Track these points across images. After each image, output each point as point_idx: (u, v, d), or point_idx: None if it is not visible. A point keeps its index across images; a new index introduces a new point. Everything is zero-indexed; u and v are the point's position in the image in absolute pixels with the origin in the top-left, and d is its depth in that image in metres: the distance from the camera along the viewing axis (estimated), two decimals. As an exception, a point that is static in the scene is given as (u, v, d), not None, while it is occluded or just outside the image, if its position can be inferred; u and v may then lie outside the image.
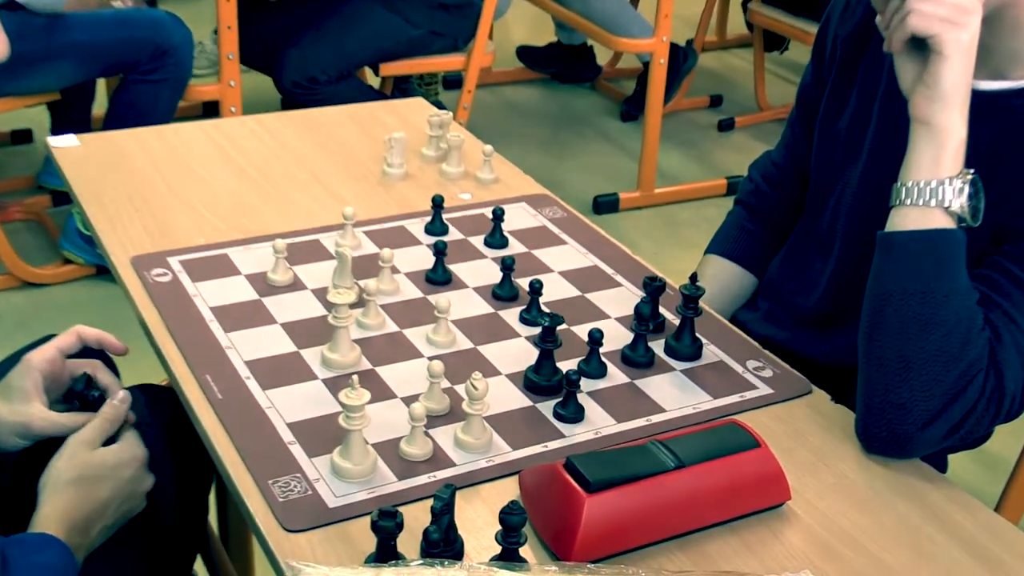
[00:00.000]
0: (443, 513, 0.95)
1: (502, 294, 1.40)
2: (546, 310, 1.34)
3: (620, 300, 1.42)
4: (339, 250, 1.37)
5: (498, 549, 0.96)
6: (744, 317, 1.56)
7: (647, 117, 3.49)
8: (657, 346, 1.33)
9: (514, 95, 4.34)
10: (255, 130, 1.84)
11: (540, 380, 1.23)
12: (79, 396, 1.22)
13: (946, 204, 1.14)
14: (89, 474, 1.11)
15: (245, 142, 1.79)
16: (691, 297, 1.30)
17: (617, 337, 1.34)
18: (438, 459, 1.12)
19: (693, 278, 1.31)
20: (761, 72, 4.25)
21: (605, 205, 3.52)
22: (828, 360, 1.43)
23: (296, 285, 1.40)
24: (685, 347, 1.31)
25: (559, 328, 1.24)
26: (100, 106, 3.16)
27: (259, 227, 1.54)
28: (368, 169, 1.73)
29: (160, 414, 1.36)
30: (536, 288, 1.35)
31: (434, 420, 1.17)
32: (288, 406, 1.18)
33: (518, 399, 1.22)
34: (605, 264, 1.51)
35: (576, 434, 1.17)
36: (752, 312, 1.57)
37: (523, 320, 1.36)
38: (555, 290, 1.43)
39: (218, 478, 1.53)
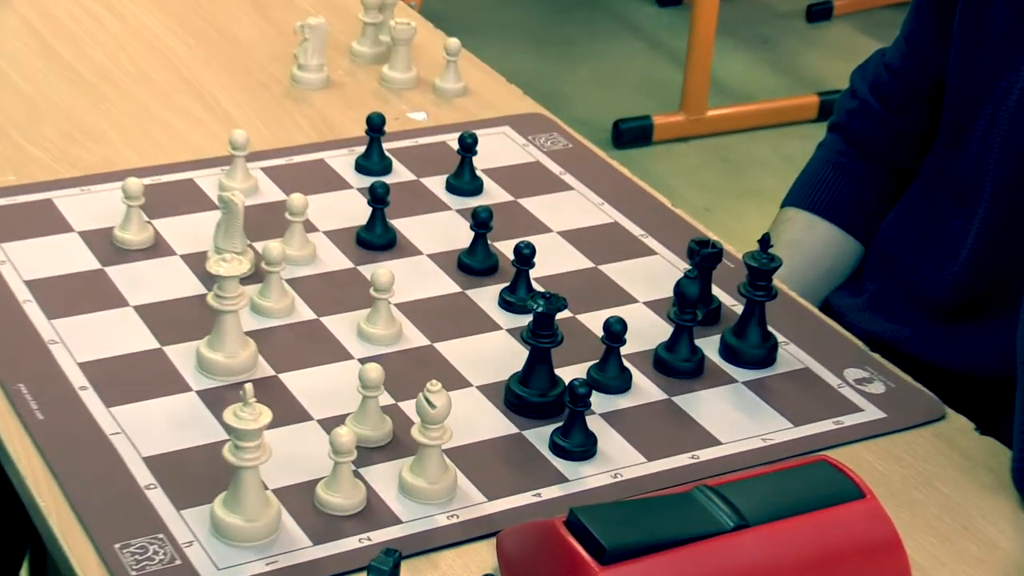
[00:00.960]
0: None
1: (473, 264, 1.41)
2: (540, 289, 1.34)
3: (653, 275, 1.43)
4: (225, 196, 1.36)
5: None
6: (842, 303, 1.57)
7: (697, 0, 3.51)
8: (709, 345, 1.33)
9: (493, -36, 4.33)
10: (92, 8, 1.83)
11: (530, 395, 1.23)
12: None
13: None
14: None
15: (77, 27, 1.79)
16: (761, 271, 1.30)
17: (648, 331, 1.34)
18: (374, 513, 1.13)
19: (764, 242, 1.31)
20: (872, -68, 4.26)
21: (631, 133, 3.53)
22: (970, 369, 1.44)
23: (158, 248, 1.40)
24: (751, 348, 1.31)
25: (559, 316, 1.24)
26: None
27: (101, 159, 1.54)
28: (269, 73, 1.73)
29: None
30: (525, 256, 1.35)
31: (369, 454, 1.17)
32: (146, 432, 1.18)
33: (496, 423, 1.23)
34: (630, 221, 1.51)
35: (584, 476, 1.18)
36: (854, 296, 1.57)
37: (505, 304, 1.37)
38: (554, 259, 1.43)
39: (36, 541, 1.52)
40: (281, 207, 1.41)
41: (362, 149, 1.56)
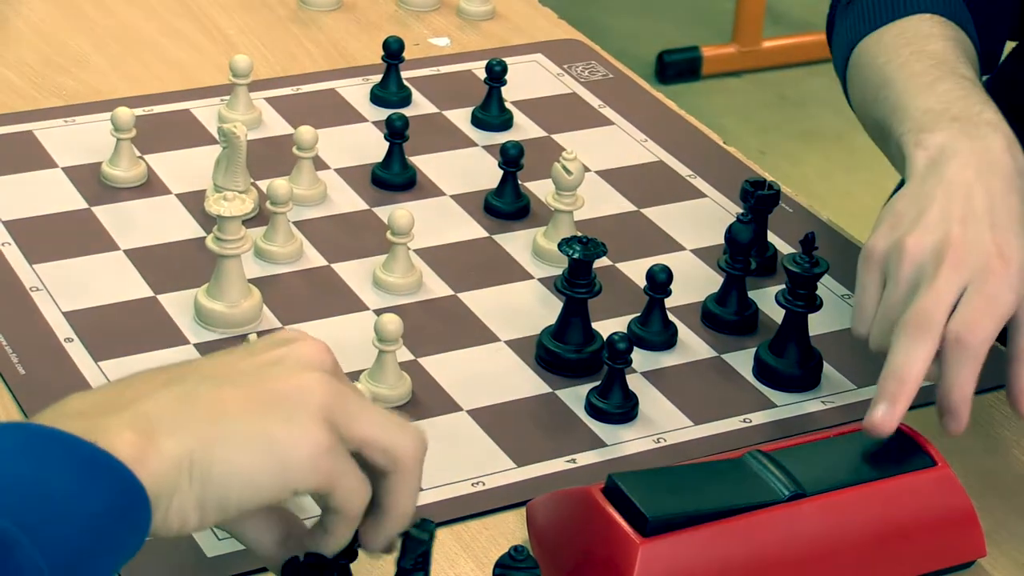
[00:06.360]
0: (418, 568, 0.93)
1: (502, 207, 1.41)
2: (576, 234, 1.33)
3: (702, 219, 1.43)
4: (225, 128, 1.36)
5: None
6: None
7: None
8: (763, 297, 1.33)
9: None
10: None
11: (565, 351, 1.24)
12: None
13: None
14: None
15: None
16: (803, 278, 1.23)
17: (696, 281, 1.34)
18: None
19: (808, 242, 1.23)
20: None
21: (677, 67, 3.52)
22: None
23: (151, 186, 1.41)
24: (789, 367, 1.26)
25: (597, 264, 1.25)
26: None
27: (88, 87, 1.54)
28: (274, -9, 1.74)
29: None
30: (560, 197, 1.36)
31: (386, 415, 1.19)
32: (137, 388, 1.20)
33: (527, 382, 1.23)
34: (677, 160, 1.52)
35: (624, 440, 1.18)
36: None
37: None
38: (592, 202, 1.43)
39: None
40: (288, 141, 1.42)
41: (378, 78, 1.56)
